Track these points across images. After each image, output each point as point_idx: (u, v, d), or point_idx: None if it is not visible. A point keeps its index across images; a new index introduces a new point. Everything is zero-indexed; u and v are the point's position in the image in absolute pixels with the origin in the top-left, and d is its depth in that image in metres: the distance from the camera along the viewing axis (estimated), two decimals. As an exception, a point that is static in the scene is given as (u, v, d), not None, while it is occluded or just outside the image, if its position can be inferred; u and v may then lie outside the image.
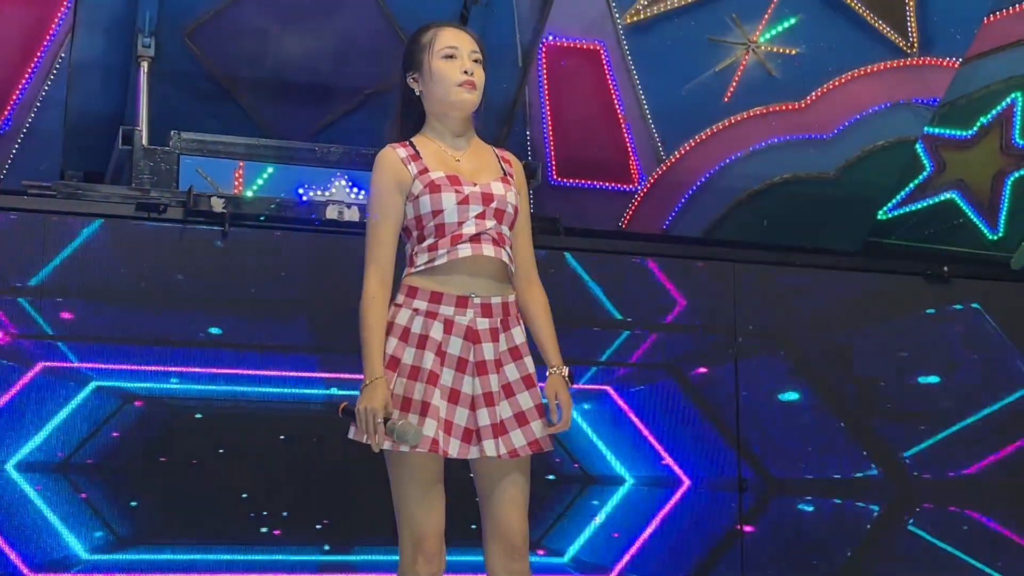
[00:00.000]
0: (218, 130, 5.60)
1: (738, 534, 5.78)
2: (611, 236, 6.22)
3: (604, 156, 6.31)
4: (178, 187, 5.35)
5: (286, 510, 5.20)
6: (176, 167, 5.41)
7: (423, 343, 3.11)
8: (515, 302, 3.25)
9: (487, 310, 3.18)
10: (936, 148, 6.77)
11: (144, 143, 5.41)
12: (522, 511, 3.17)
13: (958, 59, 6.37)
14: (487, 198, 3.18)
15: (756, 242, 6.36)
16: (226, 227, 5.22)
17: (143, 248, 5.19)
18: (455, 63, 3.22)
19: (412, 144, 3.24)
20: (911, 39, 6.31)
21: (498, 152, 3.36)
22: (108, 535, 5.00)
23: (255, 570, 5.13)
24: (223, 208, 5.22)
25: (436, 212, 3.15)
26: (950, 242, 6.84)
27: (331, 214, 5.36)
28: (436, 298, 3.14)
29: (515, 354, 3.19)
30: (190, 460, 5.12)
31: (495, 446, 3.10)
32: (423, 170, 3.18)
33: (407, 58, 3.30)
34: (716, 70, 6.19)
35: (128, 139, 5.40)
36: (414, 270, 3.18)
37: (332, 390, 5.28)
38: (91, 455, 5.00)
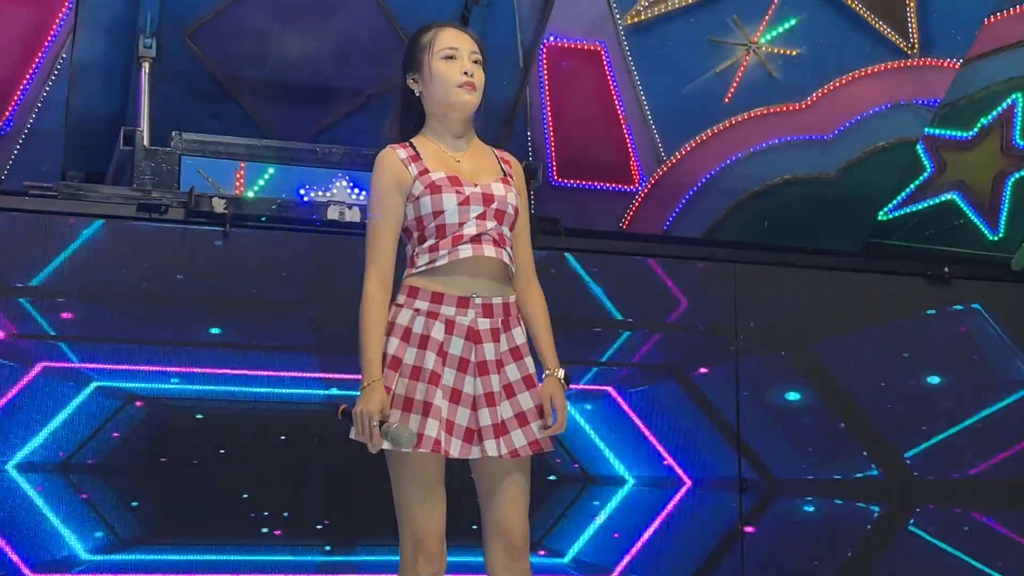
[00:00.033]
0: (219, 131, 5.60)
1: (739, 535, 5.78)
2: (612, 237, 6.22)
3: (605, 157, 6.30)
4: (179, 188, 5.34)
5: (287, 510, 5.19)
6: (177, 168, 5.40)
7: (425, 343, 3.12)
8: (515, 303, 3.25)
9: (488, 310, 3.18)
10: (937, 149, 6.77)
11: (145, 144, 5.40)
12: (523, 511, 3.17)
13: (959, 60, 6.37)
14: (488, 199, 3.18)
15: (757, 243, 6.36)
16: (227, 228, 5.22)
17: (144, 249, 5.18)
18: (455, 64, 3.22)
19: (412, 145, 3.24)
20: (912, 40, 6.31)
21: (498, 153, 3.36)
22: (109, 535, 4.99)
23: (256, 571, 5.12)
24: (224, 209, 5.21)
25: (437, 213, 3.15)
26: (951, 243, 6.83)
27: (332, 215, 5.36)
28: (437, 298, 3.14)
29: (516, 354, 3.19)
30: (191, 460, 5.11)
31: (496, 446, 3.10)
32: (423, 171, 3.18)
33: (407, 59, 3.30)
34: (717, 71, 6.19)
35: (129, 140, 5.40)
36: (415, 271, 3.18)
37: (333, 390, 5.27)
38: (92, 455, 5.00)
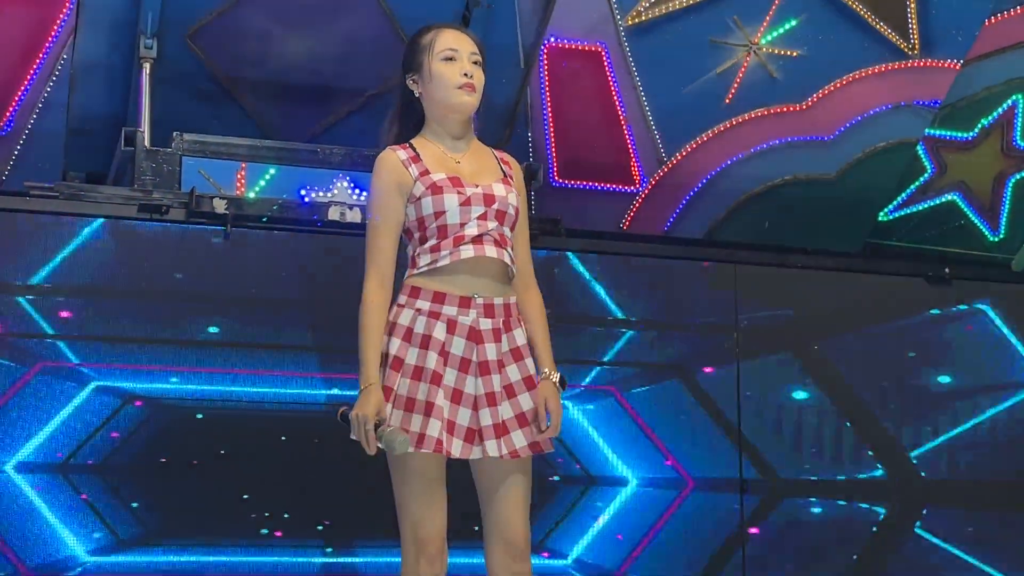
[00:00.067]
0: (220, 131, 5.60)
1: (743, 536, 5.77)
2: (612, 237, 6.21)
3: (605, 157, 6.30)
4: (180, 188, 5.35)
5: (287, 511, 5.19)
6: (178, 168, 5.40)
7: (426, 343, 3.11)
8: (516, 303, 3.25)
9: (490, 311, 3.17)
10: (937, 150, 6.77)
11: (146, 144, 5.41)
12: (524, 512, 3.16)
13: (959, 61, 6.37)
14: (489, 199, 3.18)
15: (757, 243, 6.36)
16: (228, 228, 5.22)
17: (145, 249, 5.19)
18: (455, 65, 3.21)
19: (412, 146, 3.24)
20: (912, 41, 6.31)
21: (497, 154, 3.35)
22: (108, 536, 4.99)
23: (256, 571, 5.12)
24: (225, 209, 5.22)
25: (438, 213, 3.14)
26: (951, 244, 6.83)
27: (333, 215, 5.36)
28: (439, 298, 3.14)
29: (517, 355, 3.19)
30: (190, 460, 5.11)
31: (497, 446, 3.09)
32: (424, 172, 3.18)
33: (407, 59, 3.29)
34: (717, 72, 6.19)
35: (130, 140, 5.40)
36: (416, 271, 3.18)
37: (333, 390, 5.27)
38: (91, 455, 5.00)
